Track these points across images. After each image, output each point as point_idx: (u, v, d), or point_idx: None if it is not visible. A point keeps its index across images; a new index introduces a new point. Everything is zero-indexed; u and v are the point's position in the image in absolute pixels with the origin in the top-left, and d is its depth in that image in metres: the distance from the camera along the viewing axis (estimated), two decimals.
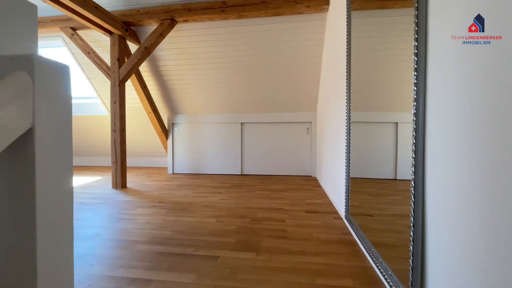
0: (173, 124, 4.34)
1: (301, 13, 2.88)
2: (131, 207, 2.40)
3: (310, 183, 3.51)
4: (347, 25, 1.85)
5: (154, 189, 3.16)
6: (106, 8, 3.10)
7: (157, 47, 3.39)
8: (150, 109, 3.90)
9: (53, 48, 3.95)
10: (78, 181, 3.66)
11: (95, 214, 2.22)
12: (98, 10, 2.66)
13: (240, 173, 4.21)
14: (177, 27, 3.17)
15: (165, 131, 4.31)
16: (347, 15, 1.85)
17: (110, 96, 3.13)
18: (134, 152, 5.20)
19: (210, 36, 3.25)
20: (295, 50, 3.28)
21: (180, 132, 4.34)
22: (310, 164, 4.03)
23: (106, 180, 3.66)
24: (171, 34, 3.25)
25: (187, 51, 3.44)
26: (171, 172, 4.38)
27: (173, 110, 4.27)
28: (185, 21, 3.05)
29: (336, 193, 2.34)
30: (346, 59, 1.86)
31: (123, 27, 3.08)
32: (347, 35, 1.85)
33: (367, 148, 3.48)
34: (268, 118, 4.08)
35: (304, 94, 3.76)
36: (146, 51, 3.10)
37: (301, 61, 3.37)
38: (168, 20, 3.01)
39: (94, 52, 3.25)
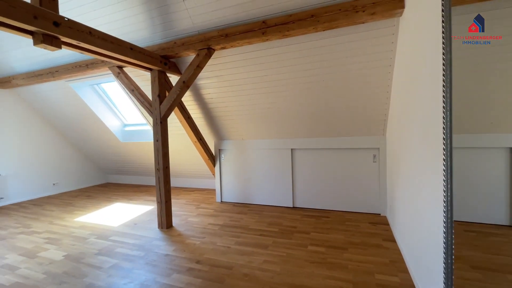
0: (220, 150, 4.12)
1: (363, 23, 2.21)
2: (167, 269, 2.19)
3: (379, 228, 2.80)
4: (443, 25, 1.21)
5: (197, 232, 2.95)
6: (144, 44, 3.02)
7: (198, 77, 3.17)
8: (195, 139, 3.74)
9: (109, 82, 4.15)
10: (131, 212, 3.75)
11: (130, 280, 2.07)
12: (133, 51, 2.54)
13: (292, 205, 3.72)
14: (216, 54, 2.87)
15: (212, 158, 4.12)
16: (444, 13, 1.21)
17: (153, 133, 3.04)
18: (182, 174, 5.23)
19: (250, 60, 2.85)
20: (355, 66, 2.60)
21: (227, 158, 4.09)
22: (379, 199, 3.26)
23: (156, 213, 3.65)
24: (210, 62, 2.97)
25: (228, 78, 3.12)
26: (219, 200, 4.19)
27: (219, 136, 4.04)
28: (223, 48, 2.71)
29: (421, 266, 1.66)
30: (443, 68, 1.21)
31: (162, 61, 2.93)
32: (443, 38, 1.20)
33: (464, 182, 2.59)
34: (323, 143, 3.46)
35: (368, 116, 3.03)
36: (185, 85, 2.89)
37: (363, 77, 2.68)
38: (205, 49, 2.72)
39: (138, 89, 3.22)
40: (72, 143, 5.52)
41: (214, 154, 4.14)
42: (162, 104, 2.98)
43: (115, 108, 4.74)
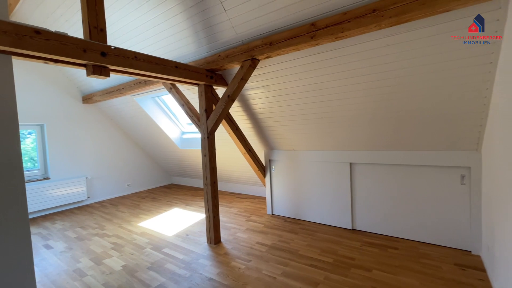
0: (270, 160, 3.91)
1: (448, 10, 1.64)
2: None
3: (470, 275, 2.14)
4: None
5: (244, 252, 2.82)
6: (191, 58, 3.00)
7: (244, 87, 3.01)
8: (244, 150, 3.62)
9: (168, 94, 4.38)
10: (186, 220, 3.88)
11: None
12: (178, 69, 2.52)
13: (350, 227, 3.26)
14: (261, 63, 2.64)
15: (263, 169, 3.95)
16: None
17: (201, 148, 3.03)
18: (235, 179, 5.21)
19: (300, 68, 2.52)
20: (437, 66, 2.01)
21: (278, 169, 3.86)
22: (469, 232, 2.54)
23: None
24: (256, 72, 2.76)
25: (276, 87, 2.86)
26: (270, 213, 3.99)
27: (270, 146, 3.83)
28: (268, 57, 2.46)
29: None
30: None
31: (208, 75, 2.86)
32: None
33: None
34: (391, 158, 2.88)
35: (455, 126, 2.35)
36: (230, 99, 2.76)
37: (449, 79, 2.05)
38: (249, 61, 2.52)
39: (187, 103, 3.25)
40: (142, 148, 6.13)
41: (264, 164, 3.96)
42: (208, 119, 2.93)
43: (174, 117, 5.02)
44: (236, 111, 3.46)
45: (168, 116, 5.00)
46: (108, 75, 2.06)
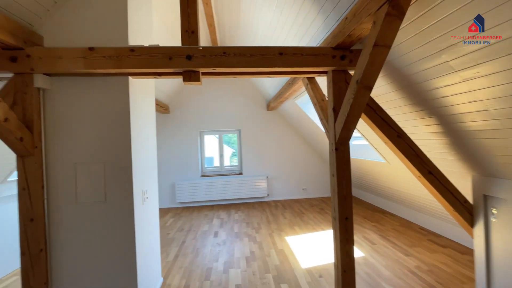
0: (486, 197, 1.99)
1: None
2: None
3: None
4: None
5: None
6: (319, 37, 2.15)
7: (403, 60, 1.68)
8: (418, 172, 2.09)
9: None
10: (331, 253, 2.99)
11: None
12: (284, 55, 1.83)
13: None
14: (417, 7, 1.28)
15: (467, 211, 2.10)
16: None
17: (329, 164, 2.09)
18: (424, 209, 3.37)
19: None
20: None
21: (505, 216, 1.86)
22: None
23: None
24: (420, 22, 1.40)
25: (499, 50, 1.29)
26: None
27: (484, 169, 1.94)
28: None
29: None
30: None
31: (335, 55, 1.88)
32: None
33: None
34: None
35: None
36: (362, 87, 1.60)
37: None
38: (385, 5, 1.28)
39: (320, 103, 2.39)
40: (318, 152, 5.81)
41: (472, 201, 2.09)
42: (336, 121, 1.94)
43: None
44: (395, 106, 2.07)
45: None
46: (198, 80, 1.87)
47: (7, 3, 1.55)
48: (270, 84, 4.42)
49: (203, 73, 1.96)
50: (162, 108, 4.97)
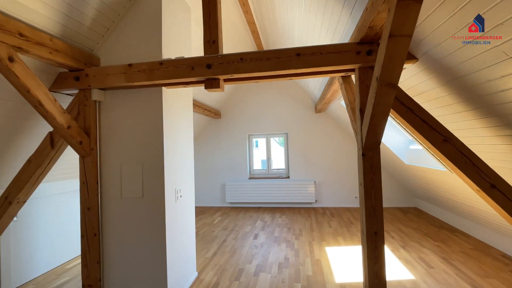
0: None
1: None
2: None
3: None
4: None
5: None
6: (347, 32, 2.00)
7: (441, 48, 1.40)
8: (477, 187, 1.68)
9: None
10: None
11: None
12: (302, 56, 1.76)
13: None
14: None
15: None
16: None
17: (358, 172, 1.88)
18: (483, 220, 2.68)
19: None
20: None
21: None
22: None
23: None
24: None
25: None
26: None
27: None
28: None
29: None
30: None
31: (360, 51, 1.70)
32: None
33: None
34: None
35: None
36: (384, 85, 1.40)
37: None
38: None
39: (352, 103, 2.17)
40: None
41: None
42: (363, 123, 1.74)
43: (395, 121, 3.69)
44: (443, 105, 1.72)
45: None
46: (218, 87, 1.96)
47: (71, 34, 1.95)
48: (314, 85, 4.26)
49: (225, 80, 2.03)
50: (213, 114, 5.33)
